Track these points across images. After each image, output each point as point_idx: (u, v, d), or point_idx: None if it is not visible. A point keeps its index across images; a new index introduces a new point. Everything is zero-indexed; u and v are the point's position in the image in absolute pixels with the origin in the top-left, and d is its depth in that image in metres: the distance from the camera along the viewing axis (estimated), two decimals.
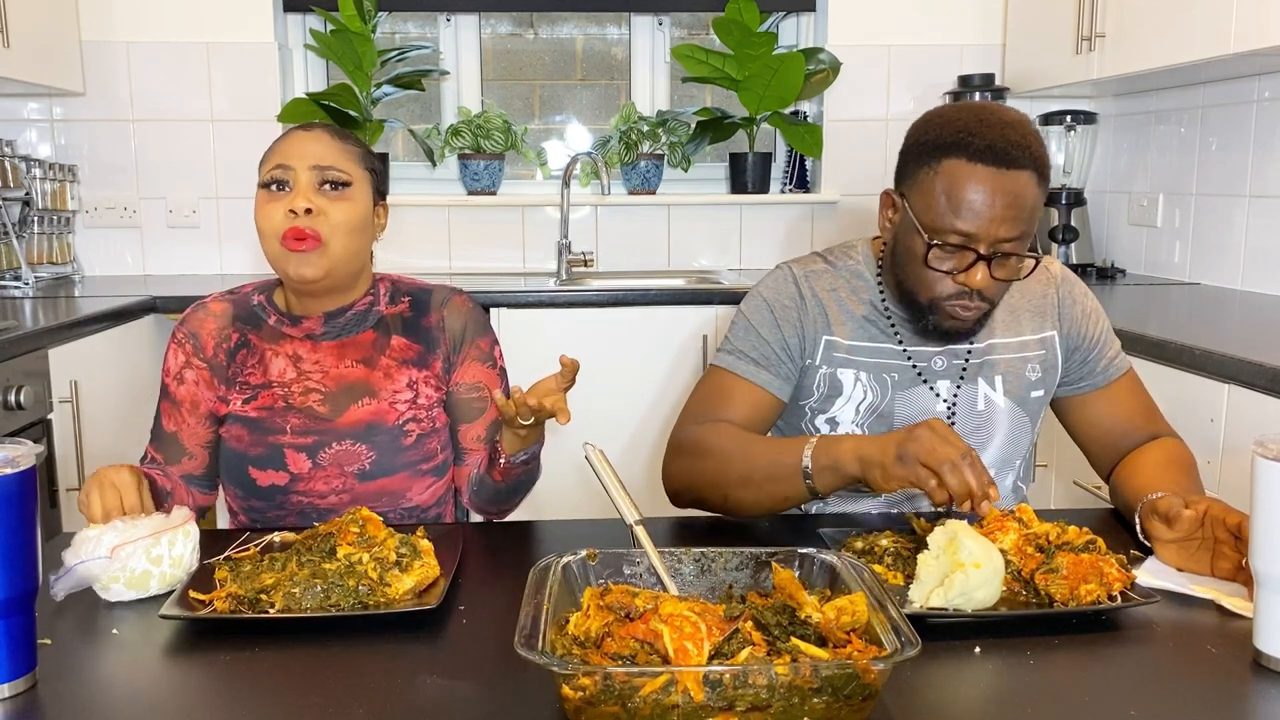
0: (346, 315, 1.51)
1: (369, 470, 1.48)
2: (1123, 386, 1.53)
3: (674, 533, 1.40)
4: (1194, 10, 2.47)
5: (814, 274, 1.51)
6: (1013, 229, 1.31)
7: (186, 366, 1.51)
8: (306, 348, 1.50)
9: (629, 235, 3.53)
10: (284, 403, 1.48)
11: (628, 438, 2.90)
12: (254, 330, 1.52)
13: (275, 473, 1.47)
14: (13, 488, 0.91)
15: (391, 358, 1.52)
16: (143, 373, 2.75)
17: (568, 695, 0.82)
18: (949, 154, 1.31)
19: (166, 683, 0.98)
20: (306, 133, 1.49)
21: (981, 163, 1.29)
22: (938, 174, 1.32)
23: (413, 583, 1.13)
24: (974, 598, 1.06)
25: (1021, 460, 1.54)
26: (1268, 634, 0.97)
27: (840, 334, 1.47)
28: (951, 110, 1.38)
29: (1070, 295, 1.53)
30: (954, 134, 1.32)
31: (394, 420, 1.49)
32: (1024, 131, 1.32)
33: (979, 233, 1.31)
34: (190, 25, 3.29)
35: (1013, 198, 1.30)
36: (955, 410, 1.47)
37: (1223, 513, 1.17)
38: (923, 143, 1.35)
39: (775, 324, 1.48)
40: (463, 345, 1.55)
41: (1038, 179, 1.32)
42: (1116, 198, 3.38)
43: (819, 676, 0.81)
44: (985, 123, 1.31)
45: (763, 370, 1.47)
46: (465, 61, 3.55)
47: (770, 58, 3.26)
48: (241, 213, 3.37)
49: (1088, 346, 1.52)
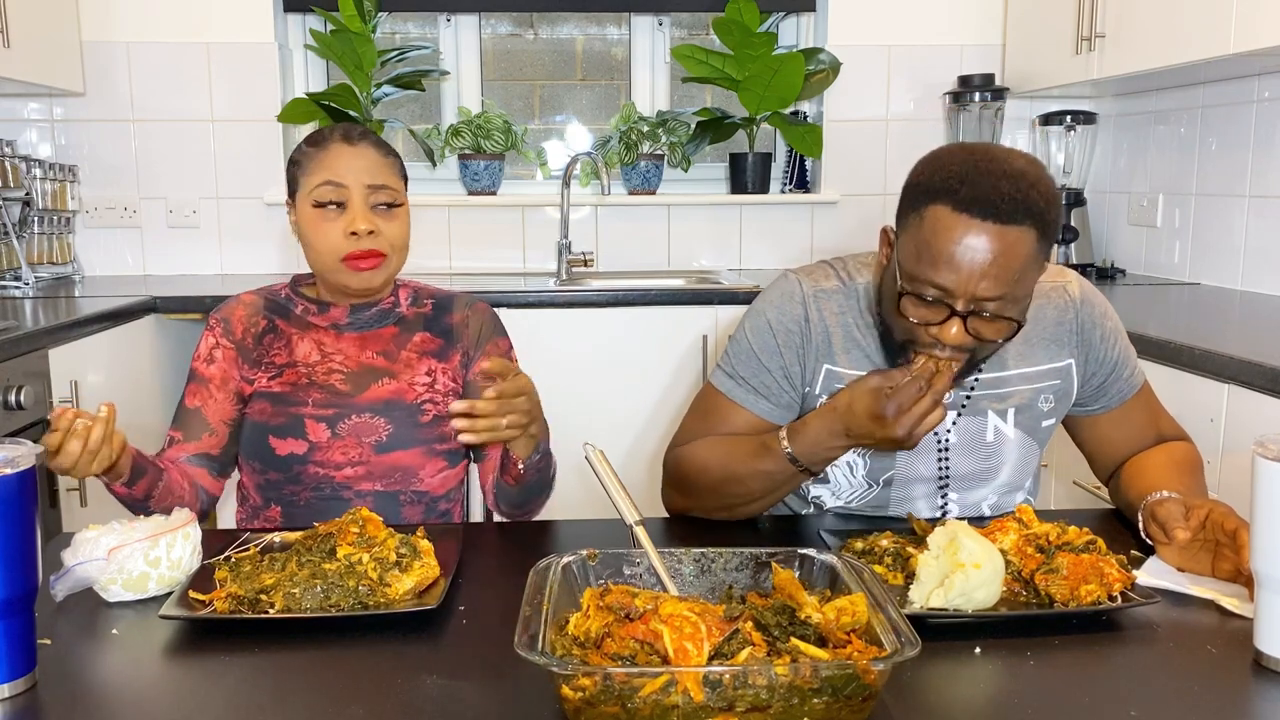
0: (372, 310, 1.58)
1: (385, 442, 1.51)
2: (1135, 404, 1.48)
3: (674, 533, 1.40)
4: (1194, 10, 2.47)
5: (824, 295, 1.43)
6: (995, 288, 1.21)
7: (215, 347, 1.55)
8: (330, 336, 1.56)
9: (629, 235, 3.53)
10: (307, 379, 1.53)
11: (628, 438, 2.90)
12: (282, 318, 1.58)
13: (295, 441, 1.50)
14: (13, 488, 0.91)
15: (412, 350, 1.58)
16: (143, 373, 2.75)
17: (567, 695, 0.82)
18: (936, 200, 1.22)
19: (166, 683, 0.98)
20: (351, 146, 1.51)
21: (967, 213, 1.20)
22: (923, 220, 1.23)
23: (413, 583, 1.13)
24: (974, 598, 1.06)
25: (1030, 479, 1.51)
26: (1268, 634, 0.97)
27: (843, 363, 1.41)
28: (953, 151, 1.28)
29: (1091, 319, 1.44)
30: (944, 179, 1.23)
31: (412, 399, 1.54)
32: (1026, 184, 1.21)
33: (955, 288, 1.21)
34: (190, 25, 3.29)
35: (997, 255, 1.19)
36: (950, 443, 1.42)
37: (1224, 516, 1.17)
38: (916, 184, 1.27)
39: (778, 350, 1.42)
40: (482, 343, 1.61)
41: (1035, 237, 1.21)
42: (1116, 198, 3.38)
43: (819, 677, 0.81)
44: (981, 170, 1.21)
45: (762, 400, 1.43)
46: (465, 61, 3.55)
47: (770, 58, 3.26)
48: (242, 213, 3.38)
49: (1106, 371, 1.45)
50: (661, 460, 1.51)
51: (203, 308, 2.80)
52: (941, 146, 1.32)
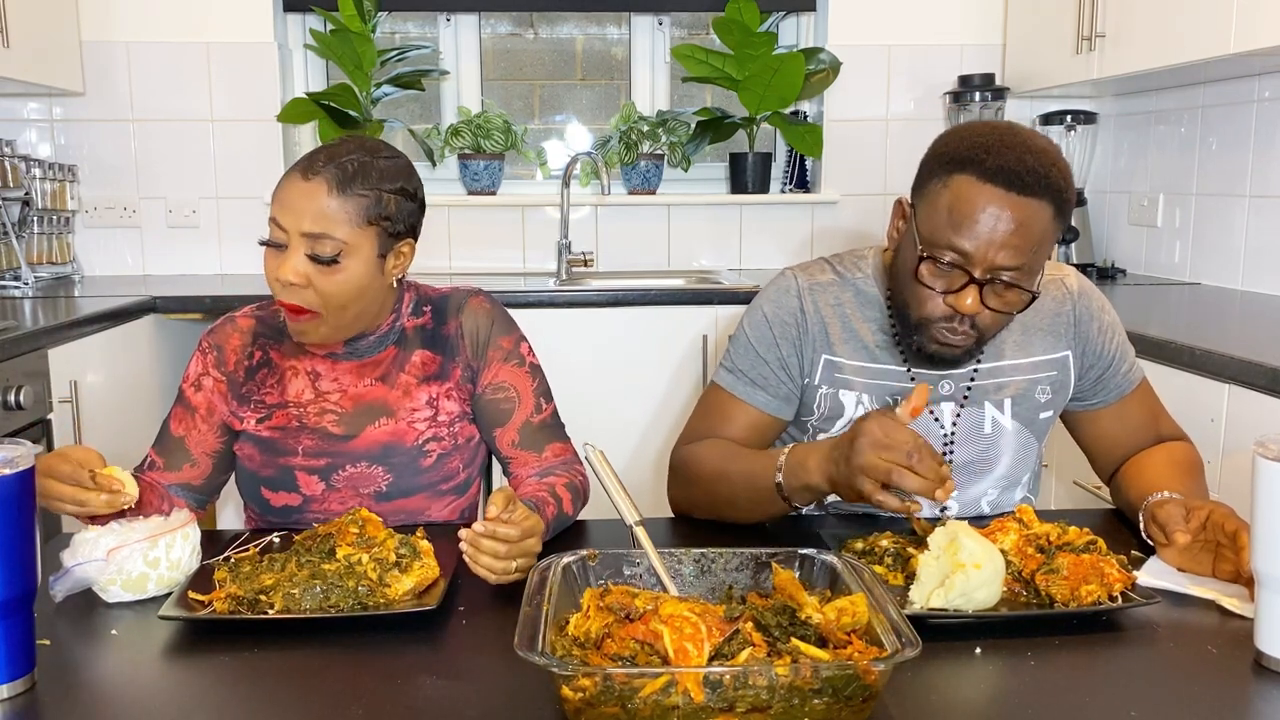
0: (369, 339, 1.46)
1: (385, 491, 1.44)
2: (1134, 400, 1.49)
3: (674, 533, 1.40)
4: (1194, 10, 2.46)
5: (819, 287, 1.45)
6: (1013, 257, 1.24)
7: (205, 374, 1.47)
8: (326, 365, 1.46)
9: (629, 235, 3.53)
10: (298, 423, 1.44)
11: (628, 438, 2.90)
12: (276, 347, 1.47)
13: (287, 494, 1.44)
14: (12, 488, 0.90)
15: (411, 374, 1.47)
16: (142, 373, 2.75)
17: (568, 696, 0.82)
18: (961, 169, 1.26)
19: (166, 683, 0.98)
20: (305, 182, 1.34)
21: (992, 183, 1.23)
22: (946, 187, 1.27)
23: (412, 583, 1.13)
24: (974, 598, 1.06)
25: (1029, 475, 1.51)
26: (1269, 634, 0.97)
27: (842, 354, 1.43)
28: (978, 126, 1.32)
29: (1088, 311, 1.46)
30: (970, 149, 1.26)
31: (413, 441, 1.45)
32: (1047, 161, 1.25)
33: (975, 254, 1.25)
34: (190, 25, 3.29)
35: (1020, 223, 1.23)
36: (955, 436, 1.44)
37: (1224, 518, 1.17)
38: (940, 154, 1.31)
39: (774, 342, 1.44)
40: (485, 349, 1.49)
41: (1053, 212, 1.25)
42: (1116, 198, 3.38)
43: (819, 677, 0.81)
44: (1006, 144, 1.25)
45: (760, 391, 1.45)
46: (465, 61, 3.55)
47: (770, 58, 3.26)
48: (241, 213, 3.37)
49: (1103, 365, 1.47)
50: (662, 459, 1.51)
51: (202, 308, 2.80)
52: (964, 123, 1.36)
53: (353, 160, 1.36)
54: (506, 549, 1.12)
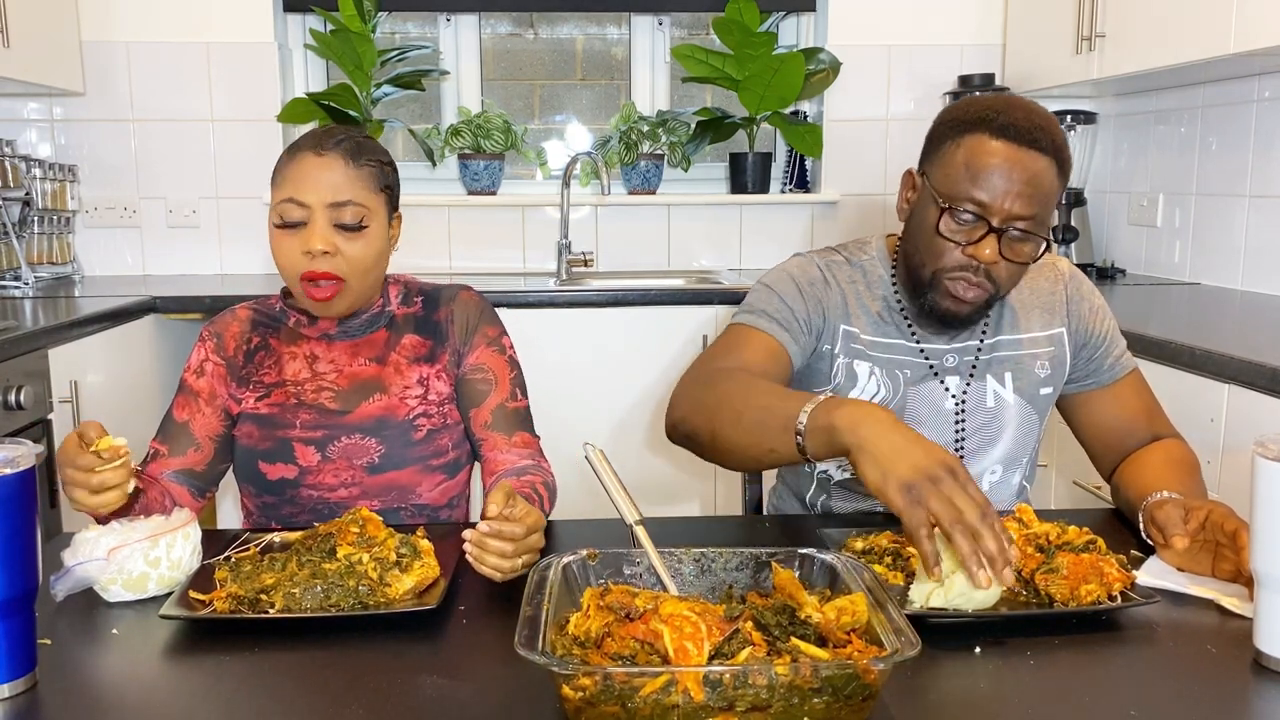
0: (361, 318, 1.53)
1: (378, 464, 1.49)
2: (1128, 385, 1.54)
3: (674, 533, 1.40)
4: (1194, 10, 2.47)
5: (834, 263, 1.53)
6: (1027, 207, 1.33)
7: (206, 361, 1.52)
8: (322, 346, 1.53)
9: (629, 235, 3.53)
10: (295, 400, 1.49)
11: (628, 438, 2.90)
12: (273, 333, 1.54)
13: (284, 466, 1.48)
14: (13, 488, 0.90)
15: (402, 355, 1.54)
16: (143, 373, 2.75)
17: (568, 695, 0.82)
18: (973, 130, 1.36)
19: (166, 683, 0.98)
20: (319, 158, 1.43)
21: (1003, 139, 1.34)
22: (960, 146, 1.37)
23: (413, 583, 1.13)
24: (974, 598, 1.05)
25: (1028, 457, 1.55)
26: (1268, 634, 0.97)
27: (858, 325, 1.49)
28: (981, 96, 1.44)
29: (1078, 292, 1.55)
30: (979, 111, 1.37)
31: (404, 415, 1.50)
32: (1049, 123, 1.37)
33: (993, 204, 1.33)
34: (190, 25, 3.29)
35: (1030, 175, 1.33)
36: (964, 407, 1.49)
37: (1223, 517, 1.17)
38: (949, 121, 1.40)
39: (800, 296, 1.47)
40: (471, 335, 1.57)
41: (1057, 169, 1.36)
42: (1116, 198, 3.38)
43: (819, 677, 0.81)
44: (1012, 105, 1.37)
45: (783, 330, 1.45)
46: (465, 61, 3.55)
47: (770, 58, 3.26)
48: (241, 213, 3.38)
49: (1095, 343, 1.53)
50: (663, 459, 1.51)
51: (202, 308, 2.81)
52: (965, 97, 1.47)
53: (353, 137, 1.48)
54: (514, 547, 1.13)
